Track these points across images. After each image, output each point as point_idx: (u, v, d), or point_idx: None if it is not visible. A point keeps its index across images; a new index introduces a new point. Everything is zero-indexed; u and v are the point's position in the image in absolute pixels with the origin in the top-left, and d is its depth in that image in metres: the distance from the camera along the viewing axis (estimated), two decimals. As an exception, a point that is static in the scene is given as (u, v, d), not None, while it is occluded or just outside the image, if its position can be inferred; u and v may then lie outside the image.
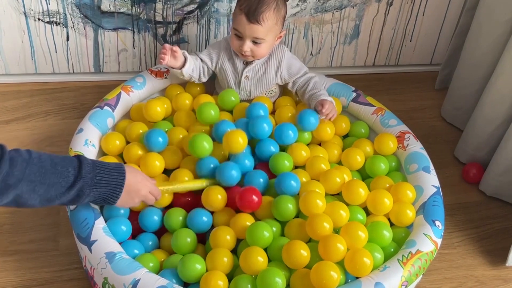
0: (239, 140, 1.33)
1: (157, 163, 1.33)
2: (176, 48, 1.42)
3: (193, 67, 1.48)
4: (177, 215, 1.27)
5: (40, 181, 1.01)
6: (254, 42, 1.40)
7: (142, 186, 1.17)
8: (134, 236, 1.28)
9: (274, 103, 1.54)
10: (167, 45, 1.42)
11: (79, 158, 1.09)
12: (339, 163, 1.43)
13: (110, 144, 1.39)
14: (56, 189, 1.04)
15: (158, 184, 1.25)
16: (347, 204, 1.28)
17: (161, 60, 1.42)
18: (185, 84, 1.58)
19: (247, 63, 1.48)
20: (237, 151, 1.34)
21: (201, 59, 1.49)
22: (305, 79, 1.50)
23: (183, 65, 1.45)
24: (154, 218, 1.28)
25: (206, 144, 1.31)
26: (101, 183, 1.10)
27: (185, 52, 1.46)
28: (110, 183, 1.11)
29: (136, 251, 1.22)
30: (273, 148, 1.38)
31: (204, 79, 1.53)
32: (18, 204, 1.02)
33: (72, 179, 1.05)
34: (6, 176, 0.97)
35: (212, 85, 1.58)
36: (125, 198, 1.14)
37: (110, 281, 1.12)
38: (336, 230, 1.24)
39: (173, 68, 1.46)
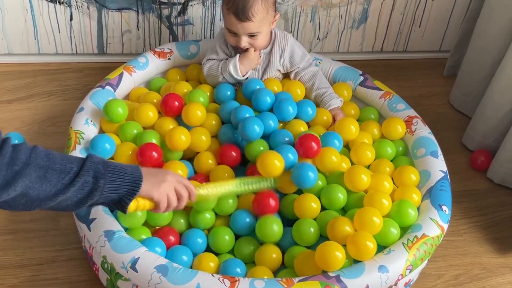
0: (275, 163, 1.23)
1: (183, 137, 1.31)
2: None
3: None
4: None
5: (50, 166, 0.88)
6: (250, 36, 1.38)
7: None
8: None
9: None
10: None
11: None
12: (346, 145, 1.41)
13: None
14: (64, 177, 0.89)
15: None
16: (348, 190, 1.26)
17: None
18: (185, 68, 1.57)
19: None
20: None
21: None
22: (310, 75, 1.48)
23: None
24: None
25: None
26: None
27: None
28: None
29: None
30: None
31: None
32: (27, 198, 0.87)
33: (77, 169, 0.91)
34: (11, 161, 0.86)
35: None
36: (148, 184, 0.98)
37: (109, 259, 1.10)
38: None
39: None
